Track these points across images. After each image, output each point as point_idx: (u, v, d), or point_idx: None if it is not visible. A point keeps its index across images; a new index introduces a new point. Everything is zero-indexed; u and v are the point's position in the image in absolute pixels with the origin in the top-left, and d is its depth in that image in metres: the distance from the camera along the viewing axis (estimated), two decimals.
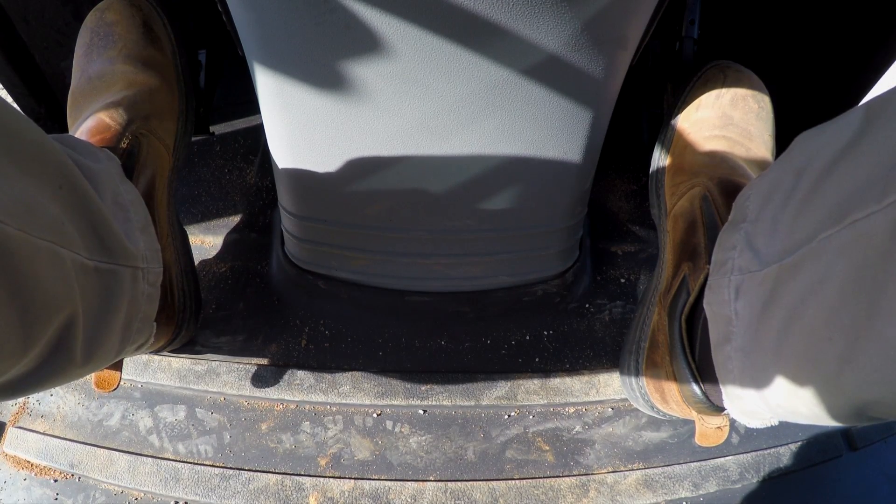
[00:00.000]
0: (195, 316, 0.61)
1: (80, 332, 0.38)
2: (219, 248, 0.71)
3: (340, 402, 0.61)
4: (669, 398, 0.52)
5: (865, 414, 0.32)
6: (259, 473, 0.57)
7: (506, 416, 0.62)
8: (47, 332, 0.35)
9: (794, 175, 0.36)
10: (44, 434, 0.59)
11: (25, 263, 0.32)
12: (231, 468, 0.57)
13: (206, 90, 0.66)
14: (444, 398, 0.61)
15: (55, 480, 0.57)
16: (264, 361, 0.63)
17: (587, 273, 0.70)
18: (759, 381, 0.38)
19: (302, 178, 0.57)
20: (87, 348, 0.40)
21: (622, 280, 0.71)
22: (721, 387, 0.43)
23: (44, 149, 0.36)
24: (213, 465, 0.58)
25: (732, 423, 0.60)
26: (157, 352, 0.60)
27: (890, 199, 0.27)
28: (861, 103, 0.34)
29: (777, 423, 0.43)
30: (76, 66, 0.57)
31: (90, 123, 0.52)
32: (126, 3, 0.57)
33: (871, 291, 0.28)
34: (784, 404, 0.36)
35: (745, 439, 0.61)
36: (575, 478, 0.58)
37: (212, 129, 0.72)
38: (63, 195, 0.37)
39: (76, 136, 0.51)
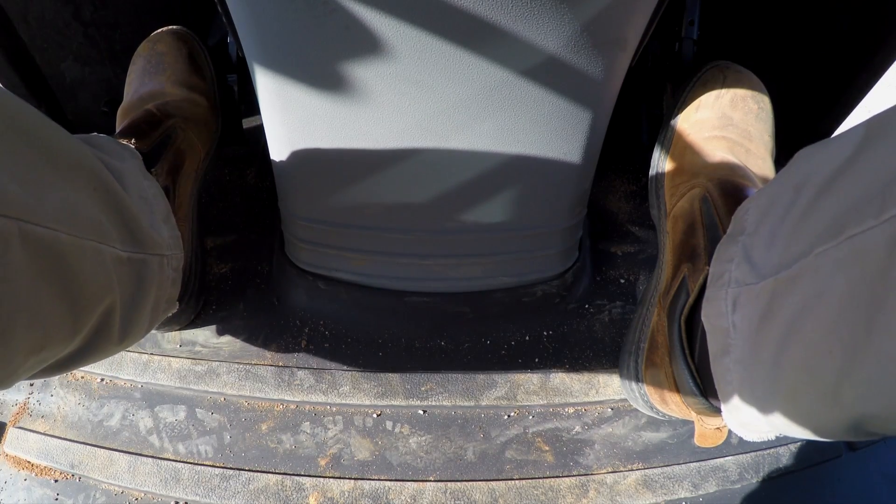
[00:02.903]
0: (196, 296, 0.64)
1: (117, 317, 0.43)
2: (219, 248, 0.71)
3: (340, 402, 0.61)
4: (669, 399, 0.52)
5: (863, 428, 0.32)
6: (259, 474, 0.57)
7: (505, 417, 0.62)
8: (92, 319, 0.39)
9: (793, 190, 0.36)
10: (44, 434, 0.59)
11: (74, 263, 0.36)
12: (231, 468, 0.58)
13: (239, 107, 0.74)
14: (444, 398, 0.62)
15: (55, 481, 0.57)
16: (264, 362, 0.63)
17: (587, 273, 0.70)
18: (757, 393, 0.38)
19: (302, 179, 0.57)
20: (123, 329, 0.44)
21: (622, 280, 0.71)
22: (720, 399, 0.43)
23: (79, 155, 0.39)
24: (213, 466, 0.58)
25: None
26: (158, 328, 0.63)
27: (887, 215, 0.27)
28: (861, 117, 0.34)
29: (773, 438, 0.43)
30: (129, 87, 0.65)
31: (138, 114, 0.59)
32: (175, 37, 0.66)
33: (869, 306, 0.28)
34: (782, 417, 0.36)
35: (745, 440, 0.61)
36: (574, 478, 0.58)
37: None
38: (98, 195, 0.40)
39: (123, 126, 0.57)
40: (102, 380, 0.62)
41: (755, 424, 0.41)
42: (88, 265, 0.37)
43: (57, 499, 0.56)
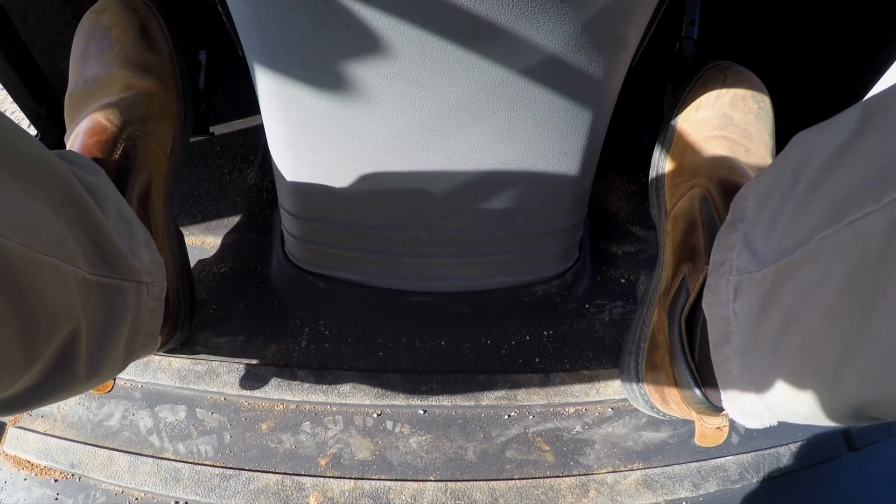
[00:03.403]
0: (189, 318, 0.61)
1: (83, 347, 0.38)
2: (219, 248, 0.71)
3: (340, 402, 0.61)
4: (669, 398, 0.52)
5: (864, 414, 0.32)
6: (259, 473, 0.57)
7: (506, 417, 0.62)
8: (50, 347, 0.35)
9: (791, 175, 0.36)
10: (44, 434, 0.59)
11: (27, 278, 0.32)
12: (231, 468, 0.58)
13: (207, 90, 0.66)
14: (444, 398, 0.62)
15: (55, 480, 0.57)
16: (265, 361, 0.63)
17: (587, 273, 0.70)
18: (757, 381, 0.38)
19: (302, 179, 0.57)
20: (90, 363, 0.40)
21: (622, 280, 0.71)
22: (720, 387, 0.43)
23: (46, 164, 0.36)
24: (213, 465, 0.58)
25: (732, 423, 0.60)
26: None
27: (887, 199, 0.27)
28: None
29: (776, 424, 0.43)
30: (73, 69, 0.56)
31: (86, 124, 0.52)
32: (122, 5, 0.56)
33: (869, 292, 0.28)
34: (783, 405, 0.36)
35: (745, 439, 0.61)
36: (575, 478, 0.58)
37: (211, 129, 0.72)
38: (65, 210, 0.37)
39: (73, 136, 0.51)
40: None
41: (756, 412, 0.41)
42: (45, 283, 0.33)
43: (57, 498, 0.56)
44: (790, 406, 0.36)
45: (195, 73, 0.63)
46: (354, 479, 0.57)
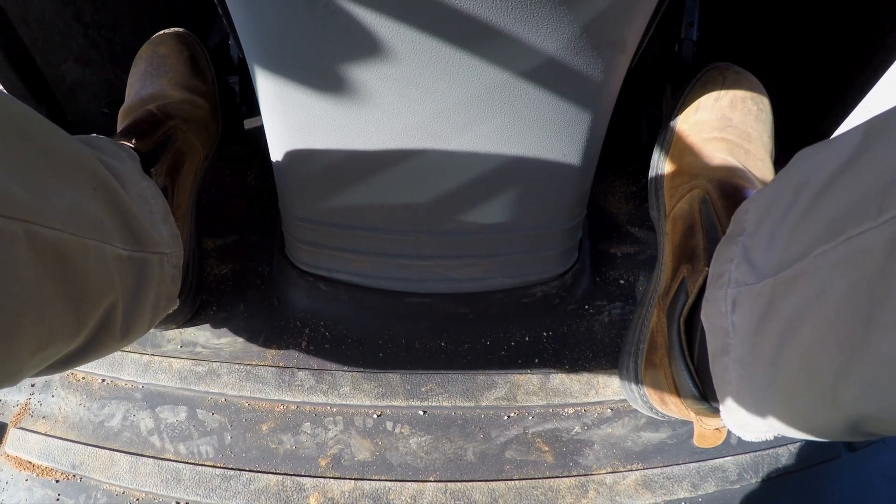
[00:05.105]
0: (194, 295, 0.64)
1: (119, 314, 0.44)
2: (219, 249, 0.72)
3: (341, 402, 0.61)
4: (668, 399, 0.52)
5: (860, 429, 0.32)
6: (260, 474, 0.57)
7: (505, 417, 0.62)
8: (95, 316, 0.40)
9: (792, 190, 0.36)
10: (45, 435, 0.59)
11: (78, 262, 0.37)
12: (232, 469, 0.58)
13: (240, 109, 0.75)
14: (444, 399, 0.62)
15: (57, 481, 0.57)
16: (265, 362, 0.64)
17: (586, 274, 0.70)
18: (756, 393, 0.38)
19: (302, 180, 0.57)
20: (124, 326, 0.45)
21: (621, 281, 0.71)
22: (719, 399, 0.43)
23: (78, 155, 0.40)
24: (214, 466, 0.58)
25: None
26: (156, 326, 0.63)
27: (886, 216, 0.27)
28: (861, 117, 0.34)
29: (771, 438, 0.43)
30: (130, 89, 0.66)
31: (139, 114, 0.60)
32: (176, 39, 0.66)
33: (868, 307, 0.28)
34: (780, 417, 0.36)
35: (744, 440, 0.61)
36: (574, 478, 0.58)
37: None
38: (98, 195, 0.41)
39: (124, 126, 0.58)
40: (104, 380, 0.63)
41: (753, 425, 0.41)
42: (91, 264, 0.38)
43: (58, 499, 0.56)
44: (788, 418, 0.36)
45: (231, 96, 0.72)
46: (354, 479, 0.58)
